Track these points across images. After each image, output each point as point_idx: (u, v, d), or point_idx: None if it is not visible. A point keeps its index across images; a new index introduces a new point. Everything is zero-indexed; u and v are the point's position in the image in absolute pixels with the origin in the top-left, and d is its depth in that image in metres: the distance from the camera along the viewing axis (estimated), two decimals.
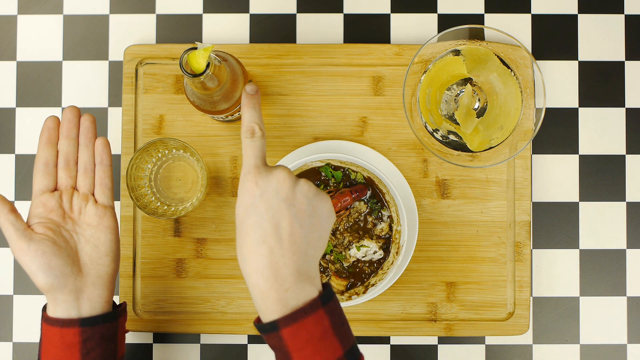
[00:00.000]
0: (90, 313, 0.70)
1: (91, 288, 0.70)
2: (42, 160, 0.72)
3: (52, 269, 0.68)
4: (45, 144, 0.72)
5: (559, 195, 0.90)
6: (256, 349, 0.90)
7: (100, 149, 0.73)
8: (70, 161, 0.73)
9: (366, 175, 0.86)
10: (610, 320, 0.90)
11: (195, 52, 0.70)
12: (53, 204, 0.71)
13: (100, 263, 0.72)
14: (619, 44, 0.91)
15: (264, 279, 0.61)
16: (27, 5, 0.92)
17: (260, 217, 0.62)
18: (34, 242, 0.68)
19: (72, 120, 0.73)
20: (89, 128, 0.73)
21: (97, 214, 0.72)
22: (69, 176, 0.73)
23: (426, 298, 0.88)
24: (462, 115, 0.85)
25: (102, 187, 0.73)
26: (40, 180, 0.72)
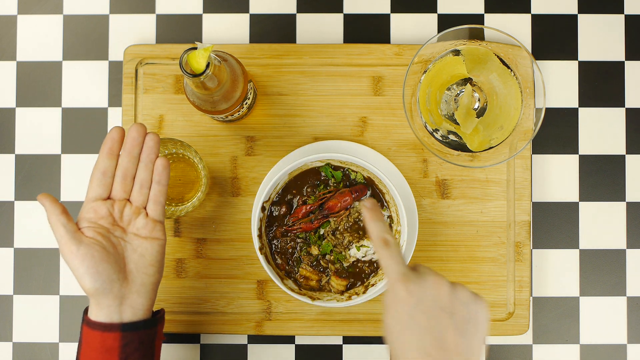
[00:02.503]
0: (131, 319, 0.71)
1: (135, 295, 0.71)
2: (100, 169, 0.72)
3: (99, 274, 0.69)
4: (106, 154, 0.73)
5: (559, 195, 0.90)
6: (256, 349, 0.90)
7: (160, 170, 0.74)
8: (127, 177, 0.73)
9: (366, 175, 0.86)
10: (610, 320, 0.90)
11: (195, 52, 0.70)
12: (104, 211, 0.72)
13: (145, 272, 0.72)
14: (619, 44, 0.91)
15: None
16: (27, 5, 0.92)
17: (420, 330, 0.58)
18: (83, 245, 0.69)
19: (136, 139, 0.73)
20: (152, 148, 0.74)
21: (146, 226, 0.73)
22: (123, 190, 0.73)
23: None
24: (462, 115, 0.85)
25: (156, 204, 0.74)
26: (95, 188, 0.72)
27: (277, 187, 0.86)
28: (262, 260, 0.82)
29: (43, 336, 0.90)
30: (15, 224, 0.91)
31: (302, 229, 0.86)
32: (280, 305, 0.88)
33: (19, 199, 0.91)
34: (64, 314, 0.90)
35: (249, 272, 0.89)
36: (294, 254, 0.87)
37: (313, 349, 0.90)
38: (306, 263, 0.86)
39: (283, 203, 0.87)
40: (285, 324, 0.88)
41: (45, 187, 0.91)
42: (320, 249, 0.86)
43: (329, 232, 0.86)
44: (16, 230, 0.91)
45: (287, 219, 0.86)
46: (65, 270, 0.91)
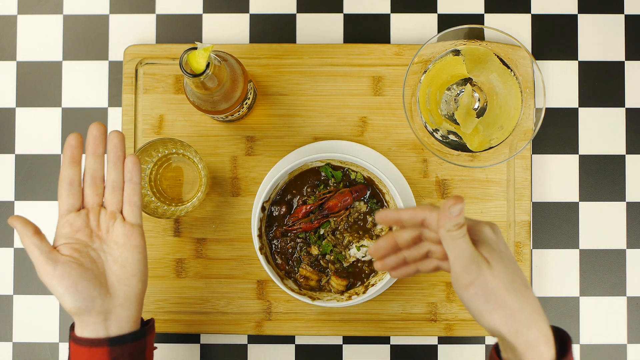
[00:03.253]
0: (118, 332, 0.69)
1: (119, 309, 0.69)
2: (66, 180, 0.70)
3: (79, 292, 0.67)
4: (69, 163, 0.70)
5: (559, 195, 0.90)
6: (256, 349, 0.90)
7: (130, 167, 0.71)
8: (96, 178, 0.71)
9: (366, 175, 0.86)
10: (610, 320, 0.90)
11: (195, 52, 0.70)
12: (80, 223, 0.70)
13: (128, 284, 0.70)
14: (619, 44, 0.91)
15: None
16: (27, 5, 0.92)
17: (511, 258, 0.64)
18: (60, 265, 0.67)
19: (98, 138, 0.71)
20: (117, 146, 0.71)
21: (124, 232, 0.71)
22: (95, 194, 0.71)
23: (426, 298, 0.88)
24: (462, 115, 0.85)
25: (131, 205, 0.71)
26: (65, 200, 0.70)
27: (277, 187, 0.86)
28: (262, 260, 0.82)
29: (43, 336, 0.90)
30: None
31: (302, 229, 0.86)
32: (280, 305, 0.88)
33: (19, 199, 0.91)
34: (64, 314, 0.90)
35: (249, 272, 0.89)
36: (294, 254, 0.87)
37: (313, 349, 0.90)
38: (306, 263, 0.86)
39: (283, 203, 0.87)
40: (285, 324, 0.88)
41: (45, 187, 0.91)
42: (320, 249, 0.86)
43: (329, 232, 0.86)
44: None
45: (287, 219, 0.86)
46: None
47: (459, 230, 0.61)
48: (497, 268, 0.61)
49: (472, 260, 0.61)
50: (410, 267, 0.69)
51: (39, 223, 0.91)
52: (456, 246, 0.61)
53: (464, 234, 0.61)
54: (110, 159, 0.71)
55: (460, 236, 0.61)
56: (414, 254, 0.68)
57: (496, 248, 0.63)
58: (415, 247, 0.67)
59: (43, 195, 0.91)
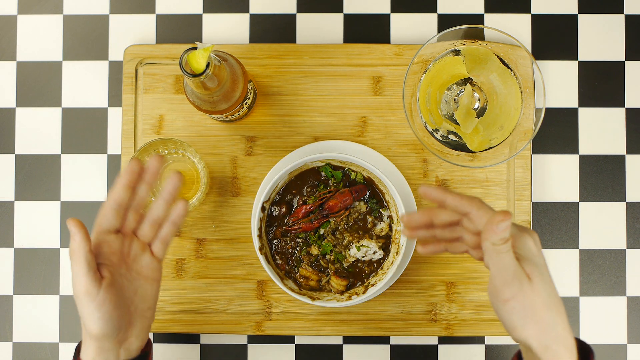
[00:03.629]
0: (126, 358, 0.69)
1: (133, 339, 0.69)
2: (117, 201, 0.69)
3: (112, 321, 0.66)
4: (125, 186, 0.69)
5: (559, 195, 0.90)
6: (256, 349, 0.90)
7: (180, 212, 0.71)
8: (141, 206, 0.71)
9: (366, 175, 0.86)
10: (610, 320, 0.90)
11: (195, 52, 0.70)
12: (117, 247, 0.69)
13: (145, 316, 0.70)
14: (619, 44, 0.91)
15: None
16: (27, 5, 0.92)
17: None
18: (103, 289, 0.65)
19: (157, 171, 0.70)
20: (175, 187, 0.71)
21: (150, 266, 0.71)
22: (135, 220, 0.71)
23: (426, 298, 0.88)
24: (462, 115, 0.85)
25: (163, 244, 0.72)
26: (110, 218, 0.69)
27: (277, 187, 0.86)
28: (262, 260, 0.82)
29: (43, 336, 0.90)
30: (15, 224, 0.91)
31: (302, 229, 0.86)
32: (280, 305, 0.88)
33: (19, 199, 0.91)
34: (64, 314, 0.90)
35: (249, 272, 0.89)
36: (294, 254, 0.87)
37: (313, 349, 0.90)
38: (306, 263, 0.86)
39: (283, 203, 0.87)
40: (285, 324, 0.88)
41: (45, 187, 0.91)
42: (320, 249, 0.86)
43: (329, 232, 0.86)
44: (16, 230, 0.91)
45: (287, 219, 0.86)
46: (65, 270, 0.91)
47: (504, 245, 0.61)
48: (537, 284, 0.62)
49: (515, 276, 0.61)
50: (440, 246, 0.70)
51: (39, 223, 0.91)
52: (500, 260, 0.61)
53: (508, 249, 0.61)
54: (164, 196, 0.71)
55: (504, 251, 0.61)
56: (447, 235, 0.68)
57: (537, 263, 0.63)
58: (450, 229, 0.68)
59: (43, 195, 0.91)
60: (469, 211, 0.64)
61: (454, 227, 0.68)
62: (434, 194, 0.66)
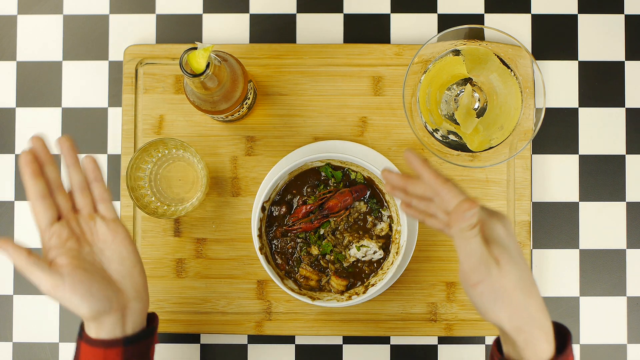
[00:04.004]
0: (133, 329, 0.69)
1: (132, 302, 0.69)
2: (37, 195, 0.67)
3: (94, 296, 0.65)
4: (33, 179, 0.67)
5: (559, 195, 0.90)
6: (256, 349, 0.90)
7: (91, 167, 0.71)
8: (59, 185, 0.69)
9: (366, 175, 0.86)
10: (610, 320, 0.90)
11: (195, 52, 0.70)
12: (66, 233, 0.68)
13: (132, 276, 0.70)
14: (619, 44, 0.91)
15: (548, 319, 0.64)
16: (27, 5, 0.92)
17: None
18: (66, 275, 0.65)
19: (44, 147, 0.69)
20: (70, 149, 0.70)
21: (109, 229, 0.70)
22: (65, 200, 0.69)
23: (426, 298, 0.88)
24: (462, 115, 0.85)
25: (105, 202, 0.71)
26: (43, 214, 0.67)
27: (277, 187, 0.86)
28: (262, 260, 0.82)
29: (43, 336, 0.90)
30: (15, 224, 0.91)
31: (302, 229, 0.86)
32: (280, 305, 0.88)
33: (19, 199, 0.91)
34: (64, 314, 0.90)
35: (249, 272, 0.89)
36: (294, 254, 0.87)
37: (313, 349, 0.90)
38: (306, 263, 0.86)
39: (283, 203, 0.87)
40: (285, 324, 0.88)
41: None
42: (320, 249, 0.86)
43: (329, 232, 0.86)
44: (16, 230, 0.91)
45: (287, 219, 0.86)
46: None
47: (471, 231, 0.61)
48: (506, 268, 0.62)
49: (481, 260, 0.61)
50: (418, 214, 0.70)
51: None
52: (467, 245, 0.61)
53: (475, 234, 0.61)
54: (68, 163, 0.70)
55: (472, 236, 0.61)
56: (422, 207, 0.68)
57: (506, 246, 0.63)
58: (425, 203, 0.68)
59: None
60: (439, 191, 0.64)
61: (430, 203, 0.68)
62: (414, 163, 0.66)
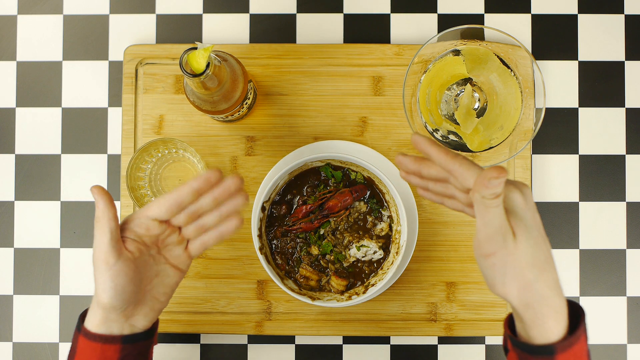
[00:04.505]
0: (131, 331, 0.68)
1: (140, 317, 0.69)
2: (179, 200, 0.67)
3: (123, 294, 0.66)
4: (194, 190, 0.67)
5: (559, 195, 0.90)
6: (256, 349, 0.90)
7: (231, 228, 0.70)
8: (197, 213, 0.69)
9: (366, 175, 0.86)
10: (610, 320, 0.90)
11: (195, 52, 0.70)
12: (155, 233, 0.68)
13: (158, 299, 0.70)
14: (619, 44, 0.91)
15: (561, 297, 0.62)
16: (27, 5, 0.92)
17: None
18: (121, 259, 0.65)
19: (231, 193, 0.69)
20: (237, 205, 0.69)
21: (180, 258, 0.70)
22: (184, 221, 0.69)
23: (426, 298, 0.88)
24: (462, 115, 0.85)
25: (202, 246, 0.71)
26: (162, 210, 0.67)
27: (277, 187, 0.86)
28: (262, 260, 0.82)
29: (43, 336, 0.90)
30: (15, 224, 0.91)
31: (302, 229, 0.86)
32: (280, 305, 0.88)
33: (19, 199, 0.91)
34: (64, 314, 0.90)
35: (249, 272, 0.89)
36: (294, 254, 0.87)
37: (313, 349, 0.90)
38: (306, 263, 0.86)
39: (283, 203, 0.87)
40: (285, 324, 0.88)
41: (45, 187, 0.91)
42: (320, 249, 0.86)
43: (329, 232, 0.86)
44: (16, 230, 0.91)
45: (287, 219, 0.86)
46: (65, 270, 0.91)
47: (495, 200, 0.59)
48: (521, 241, 0.60)
49: (498, 231, 0.60)
50: (436, 197, 0.68)
51: (39, 223, 0.91)
52: (487, 214, 0.60)
53: (498, 204, 0.59)
54: (223, 211, 0.69)
55: (494, 205, 0.59)
56: (440, 189, 0.67)
57: (524, 217, 0.61)
58: (441, 185, 0.66)
59: (43, 195, 0.91)
60: (452, 169, 0.62)
61: (447, 184, 0.66)
62: (422, 145, 0.64)
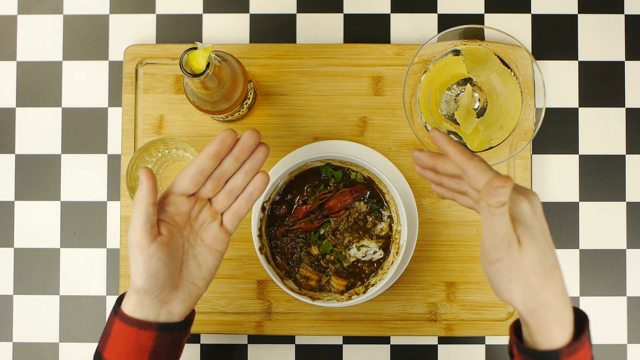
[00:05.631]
0: (166, 320, 0.68)
1: (177, 303, 0.68)
2: (200, 167, 0.67)
3: (156, 279, 0.65)
4: (212, 155, 0.67)
5: (559, 195, 0.90)
6: (256, 349, 0.90)
7: (259, 184, 0.70)
8: (223, 178, 0.69)
9: (366, 175, 0.86)
10: (610, 320, 0.90)
11: (195, 52, 0.70)
12: (185, 209, 0.68)
13: (196, 284, 0.69)
14: (619, 44, 0.91)
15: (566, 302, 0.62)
16: (27, 5, 0.92)
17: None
18: (155, 244, 0.65)
19: (251, 147, 0.69)
20: (260, 160, 0.70)
21: (216, 235, 0.70)
22: (213, 190, 0.69)
23: (426, 298, 0.88)
24: (462, 115, 0.85)
25: (236, 216, 0.70)
26: (186, 183, 0.67)
27: (277, 187, 0.86)
28: (262, 260, 0.82)
29: (43, 336, 0.90)
30: (15, 224, 0.91)
31: (302, 229, 0.86)
32: (280, 305, 0.88)
33: (19, 199, 0.91)
34: (64, 314, 0.90)
35: (249, 272, 0.89)
36: (294, 254, 0.87)
37: (313, 349, 0.90)
38: (306, 263, 0.86)
39: (283, 203, 0.87)
40: (285, 324, 0.88)
41: (45, 187, 0.91)
42: (321, 249, 0.86)
43: (329, 232, 0.86)
44: (16, 230, 0.91)
45: (287, 219, 0.86)
46: (65, 270, 0.91)
47: (500, 209, 0.59)
48: (527, 249, 0.61)
49: (504, 238, 0.60)
50: (449, 193, 0.69)
51: (39, 223, 0.91)
52: (492, 221, 0.60)
53: (503, 212, 0.59)
54: (247, 168, 0.70)
55: (499, 214, 0.59)
56: (453, 185, 0.68)
57: (531, 225, 0.62)
58: (456, 181, 0.67)
59: (43, 195, 0.91)
60: (466, 168, 0.62)
61: (460, 181, 0.67)
62: (440, 141, 0.64)
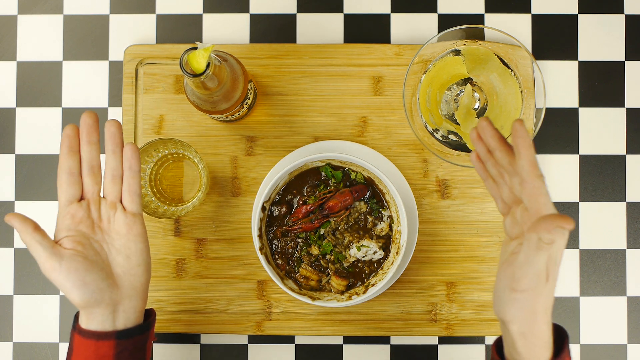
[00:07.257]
0: (125, 325, 0.68)
1: (126, 300, 0.68)
2: (65, 170, 0.68)
3: (87, 286, 0.66)
4: (67, 153, 0.68)
5: (559, 195, 0.90)
6: (256, 349, 0.90)
7: (130, 155, 0.70)
8: (94, 167, 0.70)
9: (366, 175, 0.87)
10: (610, 320, 0.90)
11: (195, 52, 0.70)
12: (81, 215, 0.68)
13: (133, 274, 0.69)
14: (619, 44, 0.91)
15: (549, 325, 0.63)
16: (27, 5, 0.92)
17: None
18: (65, 259, 0.65)
19: (92, 125, 0.69)
20: (115, 134, 0.70)
21: (126, 222, 0.70)
22: (94, 183, 0.70)
23: (426, 298, 0.88)
24: (462, 115, 0.85)
25: (131, 194, 0.70)
26: (66, 191, 0.68)
27: (277, 187, 0.86)
28: (262, 260, 0.82)
29: (43, 336, 0.90)
30: None
31: (302, 229, 0.86)
32: (280, 305, 0.88)
33: (19, 199, 0.91)
34: (64, 314, 0.90)
35: (249, 272, 0.89)
36: (294, 254, 0.87)
37: (313, 349, 0.90)
38: (306, 263, 0.86)
39: (283, 203, 0.87)
40: (285, 324, 0.88)
41: (45, 187, 0.91)
42: (321, 249, 0.86)
43: (329, 232, 0.86)
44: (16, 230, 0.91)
45: (287, 219, 0.86)
46: None
47: (549, 245, 0.59)
48: (550, 286, 0.61)
49: (540, 274, 0.60)
50: (483, 173, 0.69)
51: (40, 222, 0.91)
52: (536, 254, 0.60)
53: (550, 248, 0.59)
54: (109, 147, 0.70)
55: (546, 249, 0.59)
56: (493, 172, 0.67)
57: (557, 262, 0.61)
58: (498, 169, 0.67)
59: (43, 195, 0.91)
60: (527, 183, 0.61)
61: (503, 172, 0.66)
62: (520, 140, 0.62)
